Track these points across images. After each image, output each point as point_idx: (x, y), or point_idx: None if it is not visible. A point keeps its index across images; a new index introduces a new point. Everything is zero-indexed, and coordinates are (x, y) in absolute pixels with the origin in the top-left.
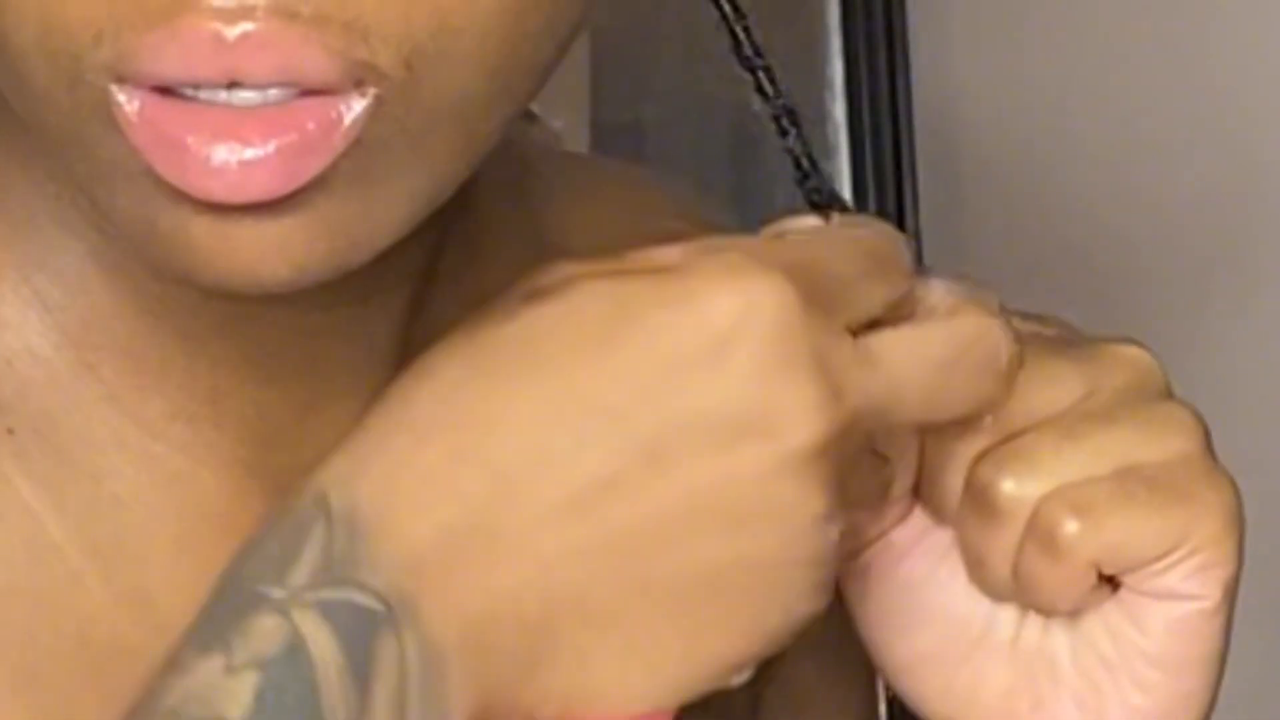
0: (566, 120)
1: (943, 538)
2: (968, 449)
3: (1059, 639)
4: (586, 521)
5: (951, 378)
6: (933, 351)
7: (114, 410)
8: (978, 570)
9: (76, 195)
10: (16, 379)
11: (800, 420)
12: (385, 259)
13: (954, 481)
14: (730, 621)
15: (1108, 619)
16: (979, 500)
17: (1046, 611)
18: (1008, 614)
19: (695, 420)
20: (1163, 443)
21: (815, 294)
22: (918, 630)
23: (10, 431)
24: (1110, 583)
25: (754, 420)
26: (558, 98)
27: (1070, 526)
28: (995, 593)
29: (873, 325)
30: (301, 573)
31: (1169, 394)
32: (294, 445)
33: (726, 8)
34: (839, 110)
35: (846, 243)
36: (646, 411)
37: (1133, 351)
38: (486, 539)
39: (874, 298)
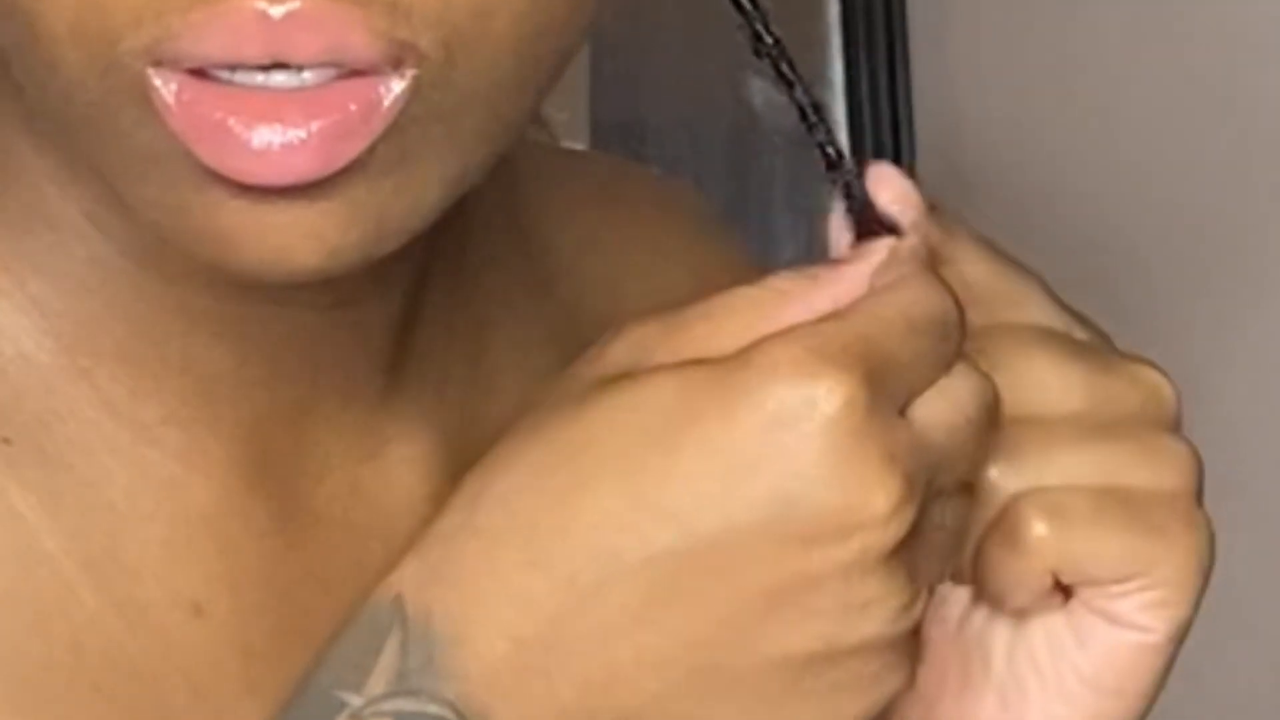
0: (566, 120)
1: None
2: None
3: (999, 633)
4: (658, 629)
5: (980, 433)
6: (966, 412)
7: (108, 416)
8: None
9: (79, 195)
10: (10, 386)
11: (878, 517)
12: (384, 259)
13: None
14: (815, 713)
15: (1050, 627)
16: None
17: (994, 602)
18: (960, 594)
19: (763, 522)
20: (1154, 473)
21: (877, 383)
22: None
23: (7, 441)
24: (1064, 592)
25: (827, 519)
26: (558, 97)
27: (1038, 528)
28: (957, 574)
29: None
30: (379, 681)
31: (1176, 428)
32: (289, 449)
33: (747, 4)
34: (839, 110)
35: (905, 321)
36: (711, 514)
37: (1153, 377)
38: (561, 650)
39: (930, 376)
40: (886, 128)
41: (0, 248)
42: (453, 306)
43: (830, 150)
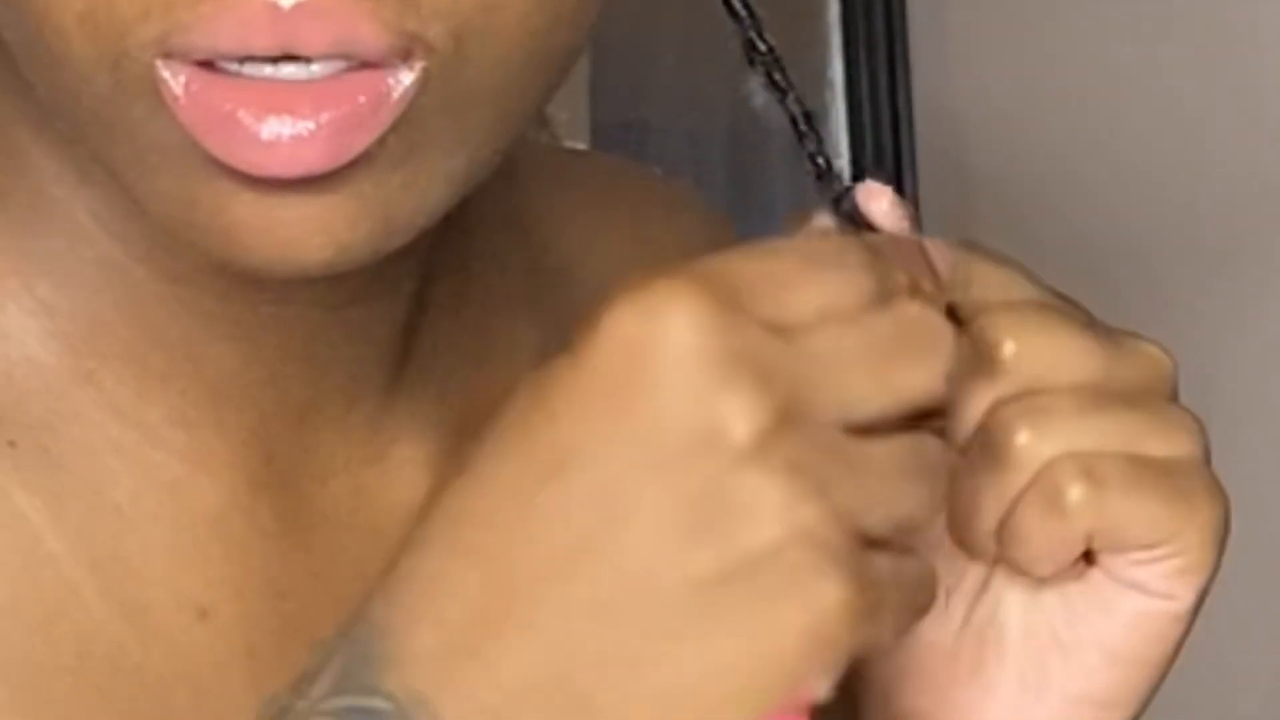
0: (566, 120)
1: None
2: (985, 394)
3: (1013, 614)
4: (575, 582)
5: (886, 366)
6: (863, 340)
7: (114, 418)
8: (967, 521)
9: (86, 196)
10: (16, 389)
11: (733, 421)
12: (388, 258)
13: (966, 419)
14: (749, 630)
15: (1072, 601)
16: (990, 445)
17: (1022, 570)
18: (970, 581)
19: (642, 453)
20: (1172, 440)
21: (725, 301)
22: None
23: (12, 444)
24: (1085, 560)
25: (685, 434)
26: (558, 97)
27: (1077, 490)
28: (974, 547)
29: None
30: (322, 686)
31: (1176, 396)
32: (293, 449)
33: (742, 11)
34: (839, 110)
35: (768, 249)
36: (597, 460)
37: (1154, 350)
38: (486, 627)
39: (806, 299)
40: (886, 128)
41: (8, 250)
42: (455, 307)
43: (820, 160)
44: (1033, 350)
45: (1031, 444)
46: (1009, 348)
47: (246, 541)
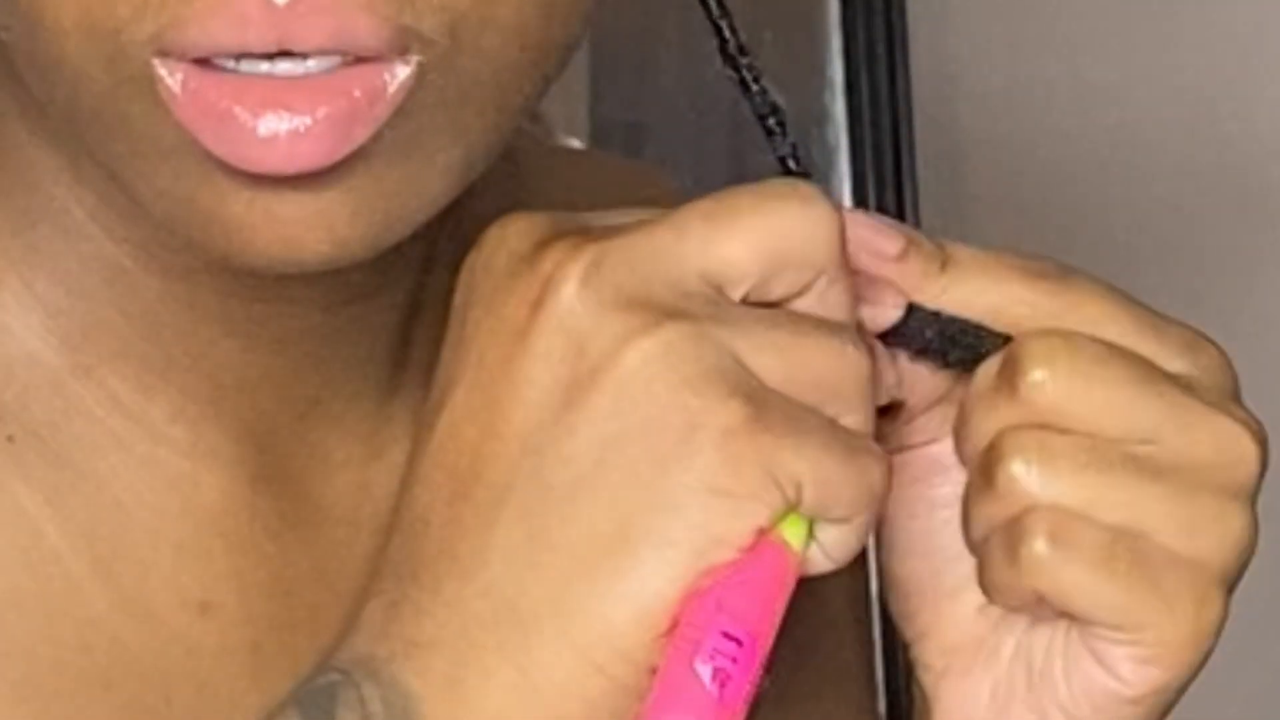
0: (566, 119)
1: (949, 487)
2: (1008, 411)
3: (1013, 629)
4: (472, 498)
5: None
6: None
7: (116, 414)
8: (963, 520)
9: (84, 194)
10: (17, 385)
11: (558, 269)
12: (387, 254)
13: (980, 432)
14: (644, 509)
15: (1052, 643)
16: (985, 463)
17: (986, 594)
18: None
19: (527, 377)
20: (1190, 535)
21: (557, 220)
22: (909, 557)
23: (10, 439)
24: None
25: (526, 301)
26: (558, 95)
27: (1038, 546)
28: (970, 548)
29: None
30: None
31: (1247, 495)
32: (296, 444)
33: (713, 6)
34: (839, 110)
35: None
36: (480, 365)
37: (1233, 430)
38: (420, 572)
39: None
40: (886, 128)
41: (6, 247)
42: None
43: (791, 163)
44: (1080, 393)
45: (1021, 480)
46: (1036, 375)
47: (249, 537)
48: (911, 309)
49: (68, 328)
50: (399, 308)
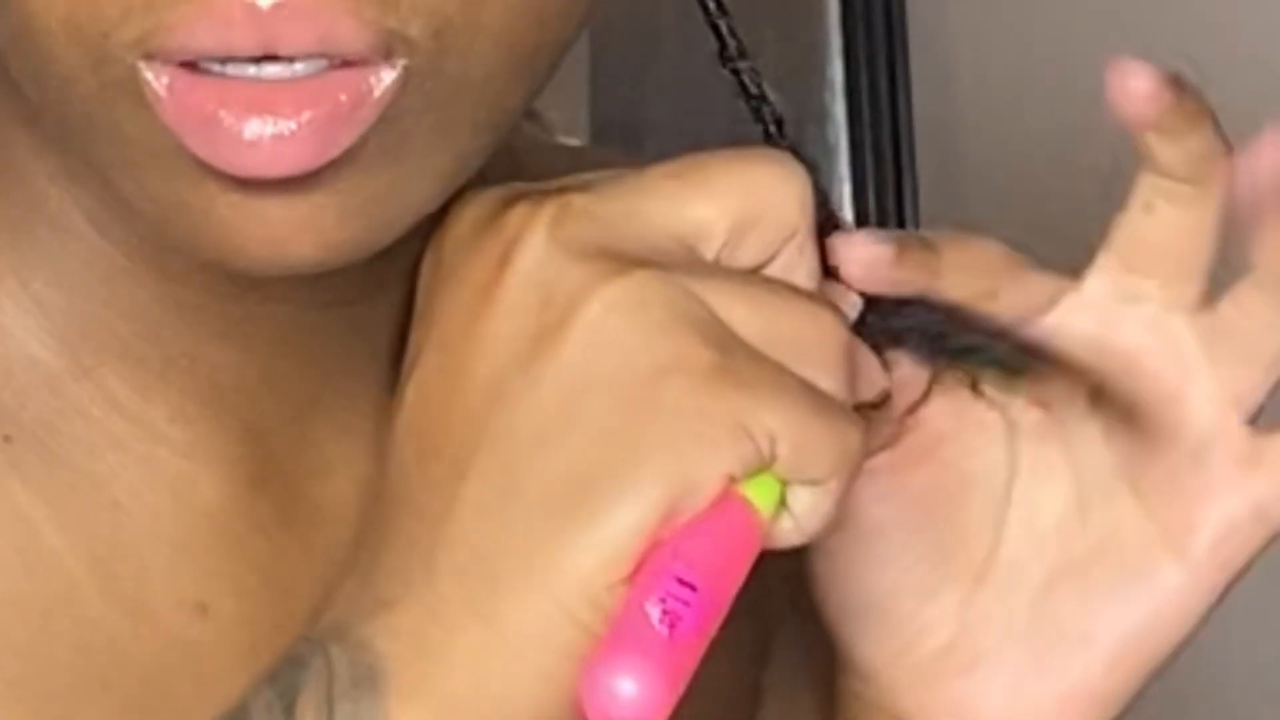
0: (566, 118)
1: (910, 493)
2: None
3: (1021, 603)
4: (442, 453)
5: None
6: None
7: (114, 414)
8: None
9: (79, 195)
10: (15, 385)
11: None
12: (384, 254)
13: None
14: (614, 447)
15: (1089, 589)
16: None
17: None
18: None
19: (493, 332)
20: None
21: (520, 186)
22: (870, 575)
23: (7, 439)
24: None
25: (541, 299)
26: (558, 95)
27: None
28: None
29: None
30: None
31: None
32: (294, 445)
33: (711, 6)
34: (839, 110)
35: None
36: (462, 349)
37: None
38: (375, 547)
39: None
40: (886, 128)
41: (3, 248)
42: None
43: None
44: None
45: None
46: None
47: (247, 537)
48: (895, 302)
49: (65, 328)
50: (396, 308)
